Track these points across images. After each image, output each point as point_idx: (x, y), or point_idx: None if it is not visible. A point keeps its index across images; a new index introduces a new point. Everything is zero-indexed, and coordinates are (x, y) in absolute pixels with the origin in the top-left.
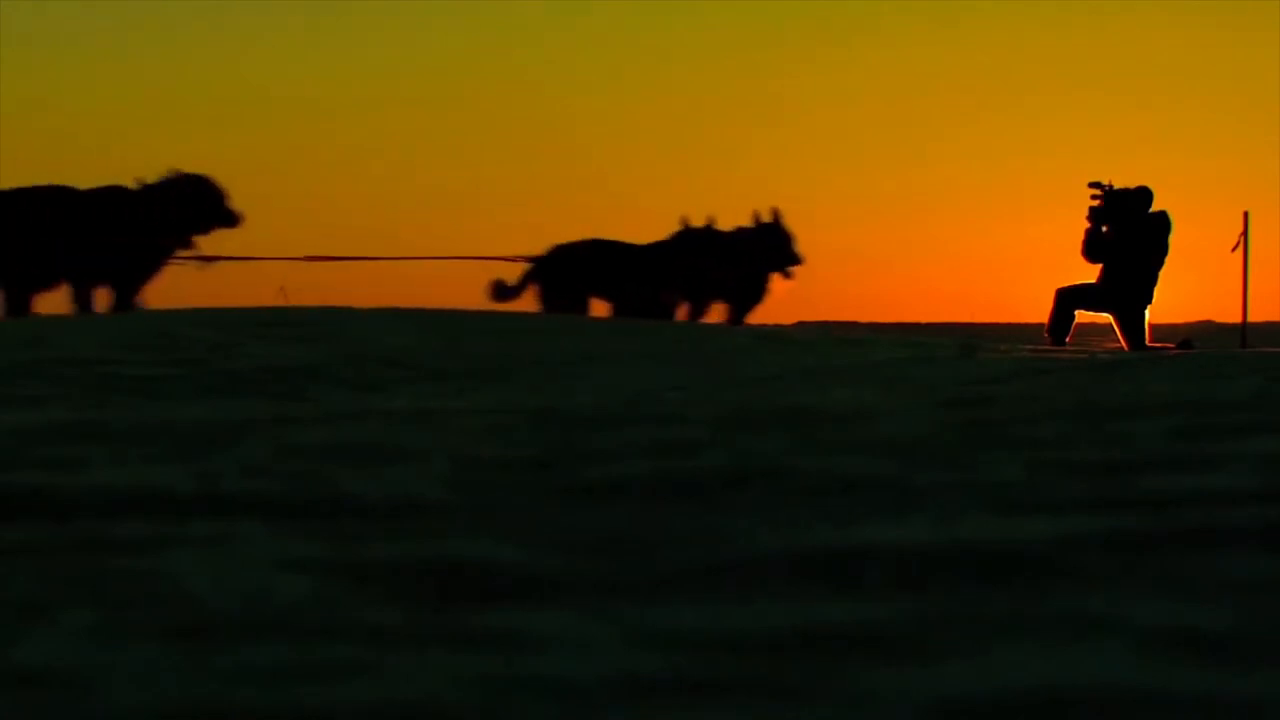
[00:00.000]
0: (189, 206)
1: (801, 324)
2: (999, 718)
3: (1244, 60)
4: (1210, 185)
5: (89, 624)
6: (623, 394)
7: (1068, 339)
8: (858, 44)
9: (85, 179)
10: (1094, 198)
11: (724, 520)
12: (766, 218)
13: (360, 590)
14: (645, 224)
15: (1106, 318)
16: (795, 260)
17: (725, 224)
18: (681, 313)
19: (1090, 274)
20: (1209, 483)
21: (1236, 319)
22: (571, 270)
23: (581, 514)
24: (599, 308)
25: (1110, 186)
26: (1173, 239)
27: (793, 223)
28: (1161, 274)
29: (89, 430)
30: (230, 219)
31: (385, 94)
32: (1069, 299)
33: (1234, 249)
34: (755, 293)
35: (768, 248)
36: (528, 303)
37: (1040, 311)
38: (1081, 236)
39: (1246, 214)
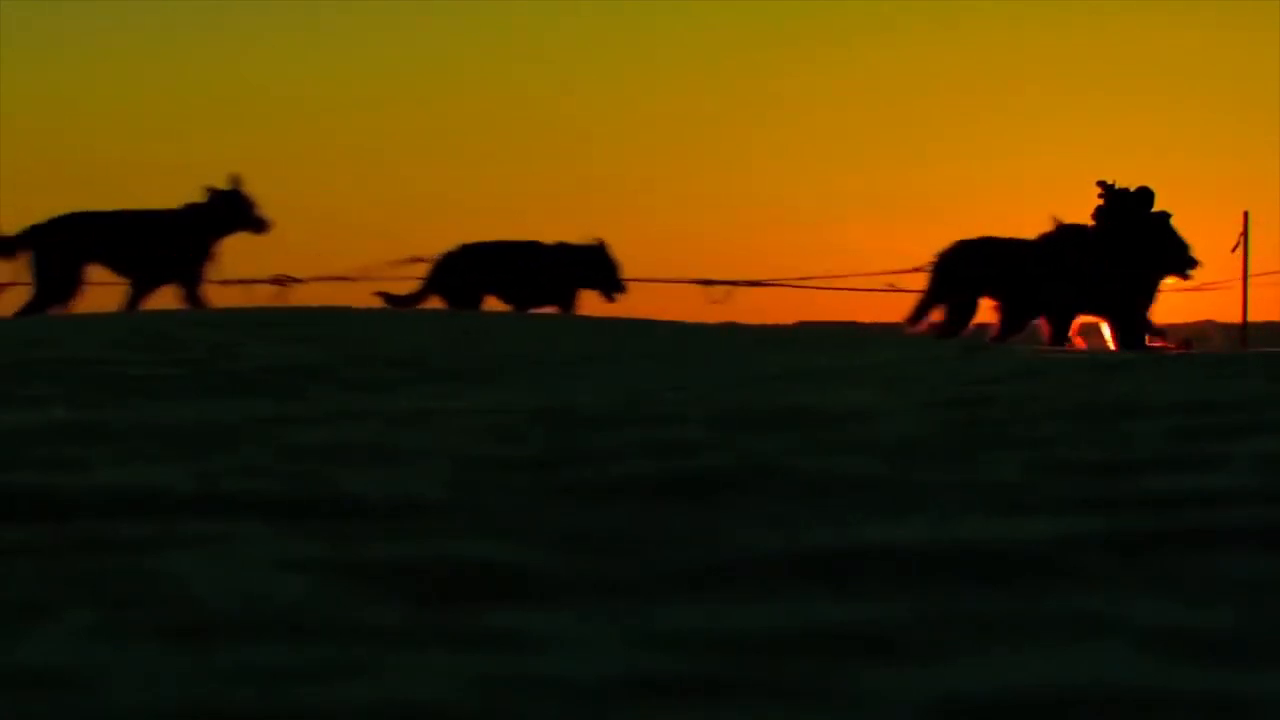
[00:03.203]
0: (1160, 245)
1: (802, 324)
2: (999, 718)
3: (1244, 60)
4: (1210, 185)
5: (89, 624)
6: (623, 394)
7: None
8: (858, 44)
9: (85, 177)
10: (1100, 197)
11: (724, 520)
12: None
13: (360, 590)
14: (646, 224)
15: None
16: None
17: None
18: None
19: None
20: (1209, 483)
21: (1236, 319)
22: None
23: (581, 514)
24: None
25: (1112, 186)
26: None
27: (791, 222)
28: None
29: (89, 430)
30: (1191, 264)
31: (385, 94)
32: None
33: (1234, 249)
34: None
35: None
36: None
37: None
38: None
39: (1246, 214)
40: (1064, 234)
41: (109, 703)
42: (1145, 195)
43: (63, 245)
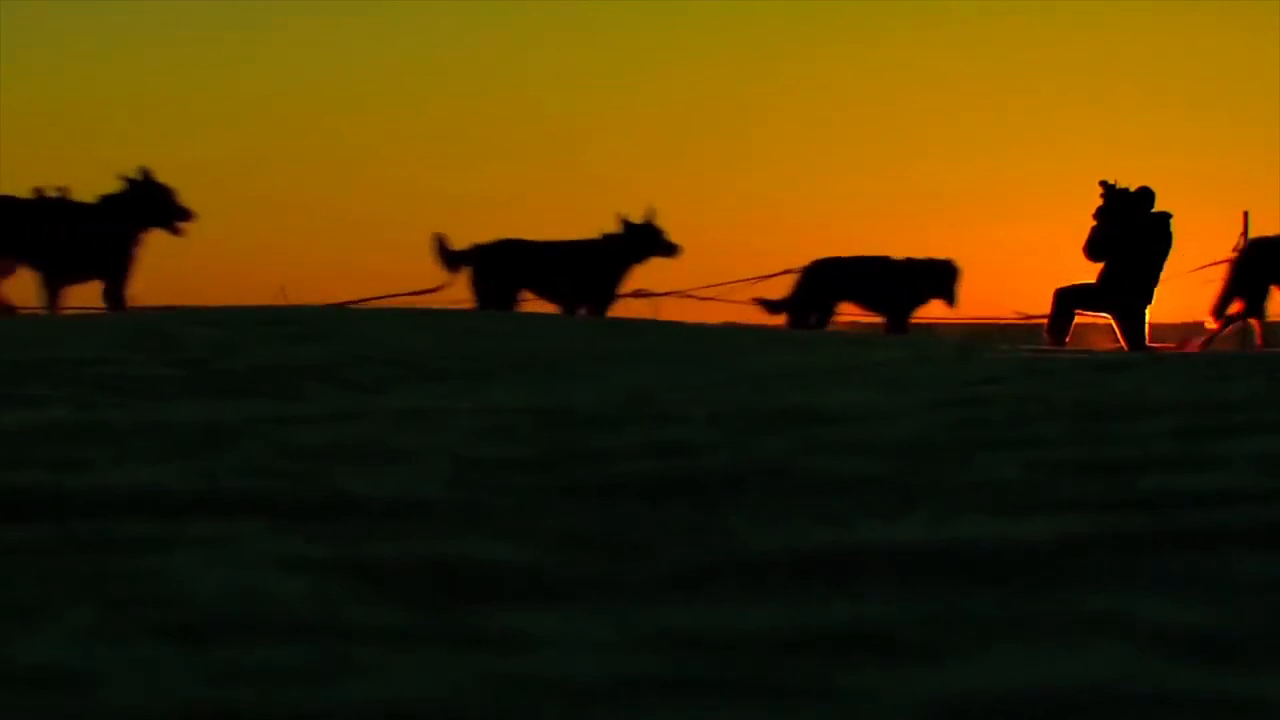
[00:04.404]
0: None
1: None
2: (999, 718)
3: (1244, 60)
4: (1210, 185)
5: (89, 624)
6: (623, 394)
7: (1066, 339)
8: (857, 44)
9: (86, 176)
10: (1101, 197)
11: (724, 520)
12: None
13: (360, 590)
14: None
15: (1106, 318)
16: None
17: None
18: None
19: (1089, 272)
20: (1209, 483)
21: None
22: None
23: (581, 514)
24: None
25: (1113, 186)
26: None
27: (791, 224)
28: (1161, 274)
29: (89, 430)
30: None
31: (386, 94)
32: (1068, 299)
33: (1234, 249)
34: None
35: None
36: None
37: (1040, 311)
38: (1087, 234)
39: (1246, 214)
40: None
41: (109, 703)
42: (1145, 195)
43: (500, 267)
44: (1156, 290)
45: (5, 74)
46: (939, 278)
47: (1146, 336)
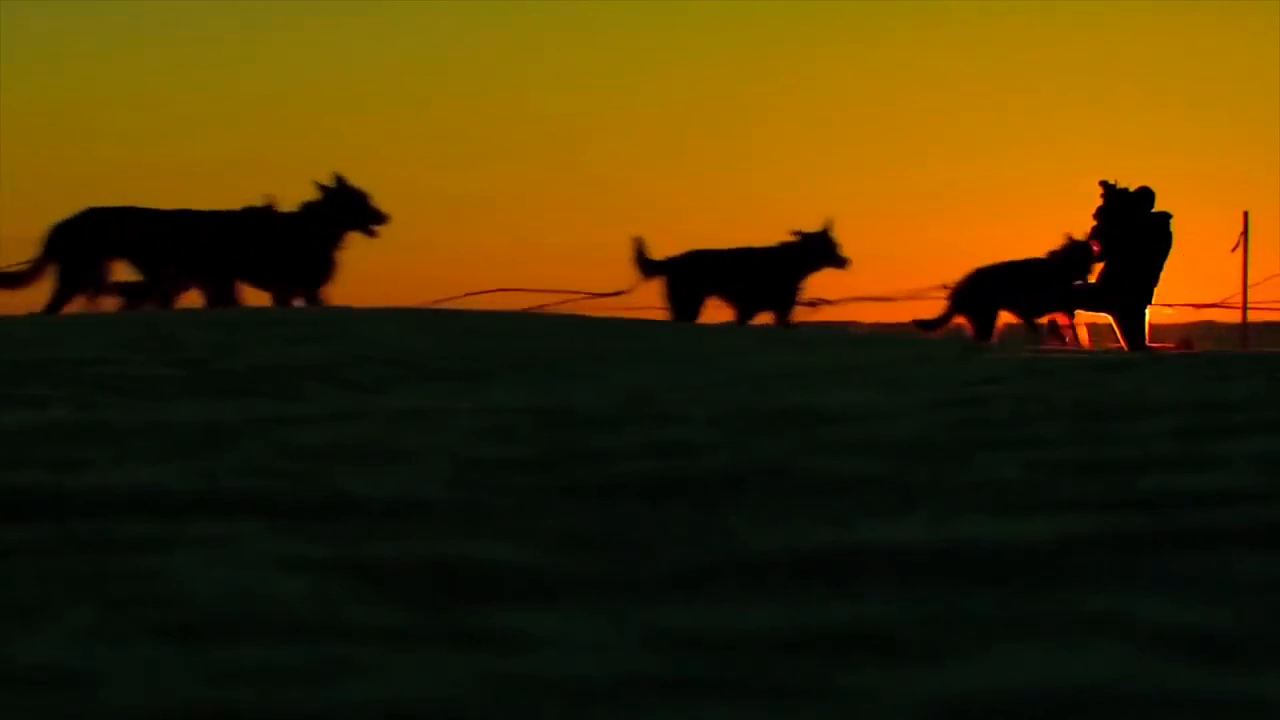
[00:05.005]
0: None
1: (802, 324)
2: (999, 718)
3: (1244, 60)
4: (1210, 185)
5: (89, 624)
6: (623, 394)
7: (1067, 339)
8: (857, 44)
9: (88, 177)
10: (1102, 196)
11: (724, 520)
12: None
13: (360, 590)
14: (646, 225)
15: (1106, 318)
16: None
17: None
18: None
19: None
20: (1209, 483)
21: (1236, 319)
22: None
23: (581, 514)
24: None
25: (1113, 186)
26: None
27: (791, 224)
28: (1161, 274)
29: (89, 430)
30: None
31: (386, 94)
32: (1068, 299)
33: (1234, 249)
34: None
35: None
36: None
37: None
38: (1087, 234)
39: (1246, 214)
40: None
41: (109, 703)
42: (1145, 195)
43: (689, 276)
44: (1156, 290)
45: (5, 74)
46: (1082, 260)
47: (1147, 336)
